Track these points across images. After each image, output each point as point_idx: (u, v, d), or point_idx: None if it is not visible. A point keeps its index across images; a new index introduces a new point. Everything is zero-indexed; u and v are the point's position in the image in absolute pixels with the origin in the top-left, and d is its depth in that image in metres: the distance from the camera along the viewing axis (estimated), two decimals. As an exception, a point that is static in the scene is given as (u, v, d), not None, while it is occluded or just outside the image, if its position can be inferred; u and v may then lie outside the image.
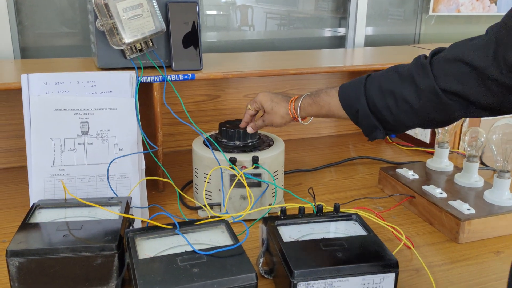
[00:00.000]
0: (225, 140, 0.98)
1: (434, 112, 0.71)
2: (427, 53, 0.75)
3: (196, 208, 0.97)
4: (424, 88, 0.70)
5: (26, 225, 0.74)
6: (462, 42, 0.69)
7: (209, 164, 0.92)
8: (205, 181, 0.94)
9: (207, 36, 1.46)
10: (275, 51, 1.46)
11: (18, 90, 0.89)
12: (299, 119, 0.91)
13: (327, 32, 1.63)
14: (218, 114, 1.33)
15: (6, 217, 0.93)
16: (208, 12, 1.47)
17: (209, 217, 0.77)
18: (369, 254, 0.68)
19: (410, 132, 1.38)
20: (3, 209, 0.96)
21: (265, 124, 0.96)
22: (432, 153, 1.28)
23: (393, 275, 0.65)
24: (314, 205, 0.79)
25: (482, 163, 1.21)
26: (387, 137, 1.44)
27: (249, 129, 0.97)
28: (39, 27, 1.27)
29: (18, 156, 1.17)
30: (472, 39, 0.68)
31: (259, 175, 0.90)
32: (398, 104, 0.74)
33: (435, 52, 0.72)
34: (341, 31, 1.63)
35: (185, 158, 1.23)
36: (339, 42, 1.63)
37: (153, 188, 1.05)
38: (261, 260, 0.75)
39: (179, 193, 0.97)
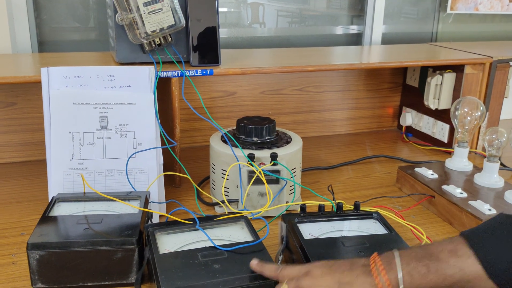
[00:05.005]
0: (243, 136, 0.97)
1: None
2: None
3: (213, 204, 0.97)
4: None
5: (46, 218, 0.74)
6: None
7: (227, 160, 0.92)
8: (222, 178, 0.93)
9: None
10: (290, 48, 1.45)
11: (37, 84, 0.89)
12: None
13: (343, 30, 1.62)
14: (234, 110, 1.33)
15: (25, 210, 0.93)
16: (219, 9, 1.46)
17: (229, 213, 0.76)
18: (391, 253, 0.67)
19: (427, 131, 1.36)
20: (21, 202, 0.96)
21: None
22: (449, 153, 1.27)
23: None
24: (335, 202, 0.78)
25: (501, 163, 1.19)
26: (404, 135, 1.43)
27: None
28: (57, 21, 1.27)
29: (36, 149, 1.17)
30: None
31: (277, 172, 0.90)
32: None
33: None
34: (356, 28, 1.61)
35: (201, 154, 1.23)
36: (356, 40, 1.62)
37: (169, 183, 1.05)
38: (281, 257, 0.75)
39: (196, 189, 0.97)
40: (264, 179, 0.87)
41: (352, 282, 0.55)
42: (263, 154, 0.91)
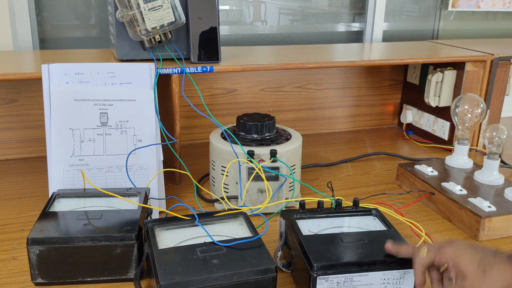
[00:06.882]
0: (243, 133, 0.97)
1: None
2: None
3: (212, 201, 0.97)
4: None
5: (46, 214, 0.74)
6: None
7: (227, 157, 0.92)
8: (222, 174, 0.93)
9: (220, 30, 1.46)
10: (291, 45, 1.45)
11: (37, 80, 0.90)
12: None
13: (344, 27, 1.62)
14: (234, 107, 1.33)
15: (25, 206, 0.93)
16: (221, 7, 1.46)
17: (228, 209, 0.76)
18: (389, 249, 0.67)
19: (428, 128, 1.36)
20: (21, 198, 0.97)
21: None
22: (449, 150, 1.27)
23: (413, 271, 0.65)
24: (333, 199, 0.78)
25: (501, 161, 1.19)
26: (404, 133, 1.43)
27: None
28: (58, 19, 1.28)
29: (36, 146, 1.17)
30: None
31: (277, 168, 0.90)
32: None
33: None
34: (358, 26, 1.61)
35: (201, 151, 1.23)
36: (357, 37, 1.62)
37: (169, 180, 1.05)
38: (279, 254, 0.75)
39: (196, 186, 0.97)
40: (263, 176, 0.87)
41: (492, 264, 0.57)
42: (262, 151, 0.91)
